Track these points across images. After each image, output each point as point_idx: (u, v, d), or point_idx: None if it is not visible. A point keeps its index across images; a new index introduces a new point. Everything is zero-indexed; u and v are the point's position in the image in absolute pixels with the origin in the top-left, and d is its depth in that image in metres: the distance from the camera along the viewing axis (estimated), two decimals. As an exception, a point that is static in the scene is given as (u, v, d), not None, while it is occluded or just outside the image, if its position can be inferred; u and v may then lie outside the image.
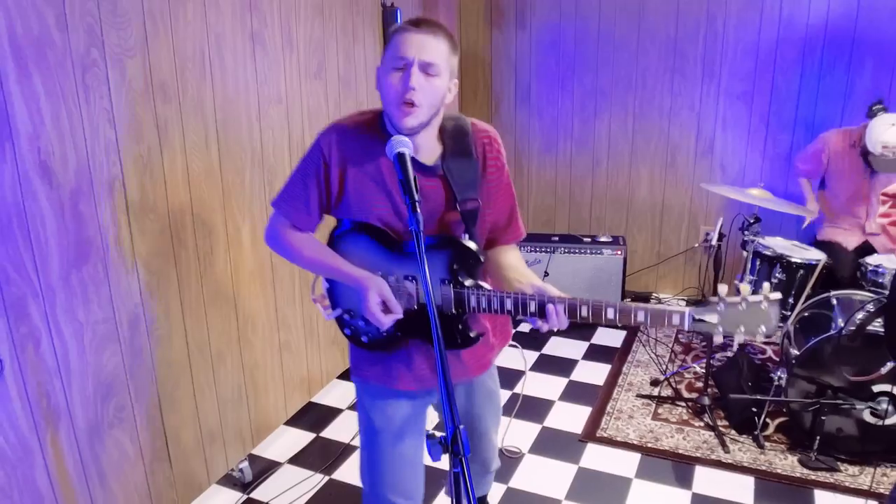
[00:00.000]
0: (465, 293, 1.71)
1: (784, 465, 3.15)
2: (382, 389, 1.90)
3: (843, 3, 4.40)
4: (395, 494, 1.92)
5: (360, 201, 1.75)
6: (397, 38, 1.63)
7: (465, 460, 1.26)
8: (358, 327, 1.87)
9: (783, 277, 3.54)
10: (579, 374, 4.06)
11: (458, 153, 1.75)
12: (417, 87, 1.58)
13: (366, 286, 1.67)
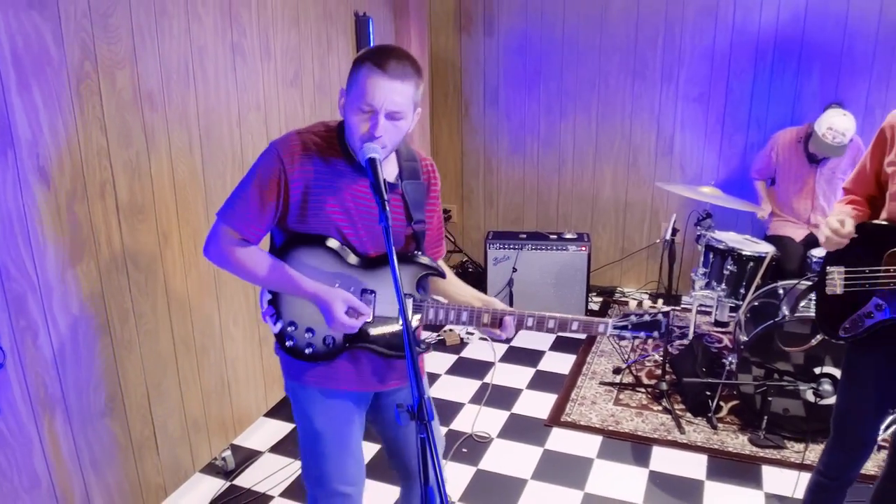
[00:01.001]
0: (425, 307, 1.86)
1: (735, 443, 3.38)
2: (323, 391, 1.92)
3: (791, 12, 4.67)
4: (341, 484, 1.99)
5: (318, 215, 1.76)
6: (364, 77, 1.64)
7: (430, 426, 1.45)
8: (300, 339, 1.86)
9: (734, 269, 3.79)
10: (546, 364, 4.27)
11: (411, 175, 1.86)
12: (384, 133, 1.65)
13: (330, 299, 1.72)
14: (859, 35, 4.57)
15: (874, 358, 2.12)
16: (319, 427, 1.93)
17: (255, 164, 1.77)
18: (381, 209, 1.56)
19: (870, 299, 2.06)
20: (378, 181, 1.59)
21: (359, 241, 1.82)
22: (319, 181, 1.75)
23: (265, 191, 1.73)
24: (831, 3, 4.59)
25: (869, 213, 2.16)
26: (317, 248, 1.79)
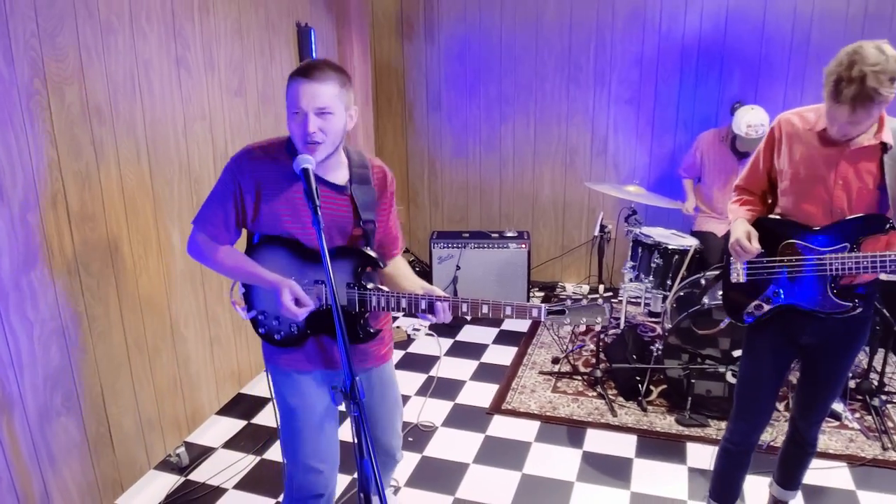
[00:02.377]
0: (368, 294, 2.06)
1: (663, 424, 3.64)
2: (294, 372, 2.15)
3: (713, 19, 4.98)
4: (313, 460, 2.20)
5: (271, 218, 2.01)
6: (292, 87, 1.89)
7: (362, 404, 1.63)
8: (271, 326, 2.12)
9: (661, 262, 4.05)
10: (489, 356, 4.49)
11: (360, 180, 2.09)
12: (316, 130, 1.88)
13: (279, 287, 1.96)
14: (775, 41, 4.90)
15: (770, 337, 2.37)
16: (292, 404, 2.16)
17: (220, 177, 2.04)
18: (313, 213, 1.75)
19: (768, 287, 2.31)
20: (311, 188, 1.78)
21: (307, 237, 2.04)
22: (270, 189, 2.00)
23: (226, 201, 2.01)
24: (749, 12, 4.91)
25: (762, 209, 2.41)
26: (275, 245, 2.04)
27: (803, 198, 2.21)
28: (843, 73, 1.90)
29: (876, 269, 2.08)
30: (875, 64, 1.87)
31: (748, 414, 2.48)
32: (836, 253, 2.14)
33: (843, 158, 2.12)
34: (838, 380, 2.40)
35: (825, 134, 2.14)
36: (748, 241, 2.23)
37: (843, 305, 2.18)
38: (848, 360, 2.37)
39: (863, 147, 2.09)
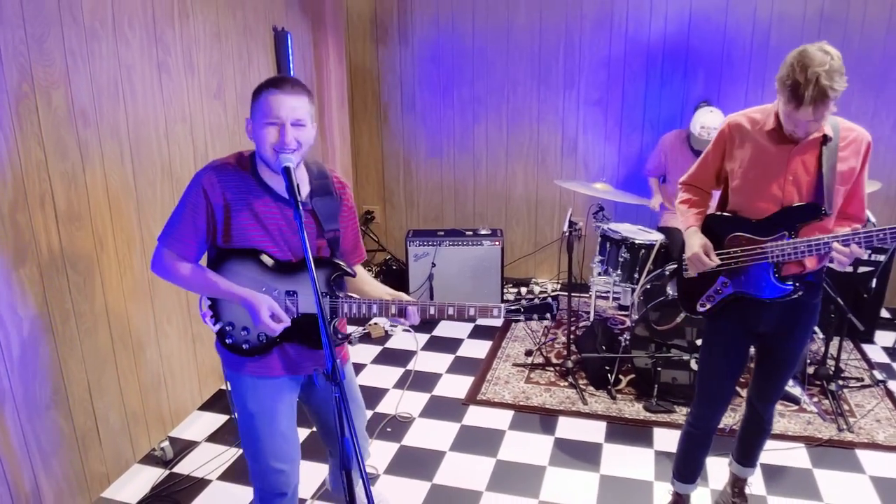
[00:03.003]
0: (340, 302, 2.16)
1: (631, 411, 3.80)
2: (257, 379, 2.19)
3: (677, 23, 5.17)
4: (275, 461, 2.27)
5: (241, 232, 2.05)
6: (268, 98, 1.95)
7: (343, 385, 1.75)
8: (239, 337, 2.15)
9: (628, 256, 4.22)
10: (464, 350, 4.63)
11: (321, 192, 2.15)
12: (292, 139, 1.95)
13: (257, 303, 2.01)
14: (736, 42, 5.10)
15: (727, 327, 2.53)
16: (252, 409, 2.22)
17: (184, 193, 2.05)
18: (295, 209, 1.85)
19: (717, 278, 2.47)
20: (293, 185, 1.89)
21: (278, 250, 2.11)
22: (237, 203, 2.04)
23: (195, 216, 2.03)
24: (711, 15, 5.10)
25: (707, 205, 2.58)
26: (244, 259, 2.08)
27: (756, 195, 2.36)
28: (798, 77, 2.06)
29: (812, 253, 2.25)
30: (823, 64, 2.04)
31: (709, 400, 2.63)
32: (776, 241, 2.31)
33: (792, 155, 2.28)
34: (791, 363, 2.56)
35: (773, 133, 2.30)
36: (705, 255, 2.39)
37: (785, 290, 2.34)
38: (799, 345, 2.53)
39: (808, 142, 2.26)
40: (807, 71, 2.04)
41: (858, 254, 2.17)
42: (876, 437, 3.53)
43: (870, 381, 4.12)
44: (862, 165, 2.31)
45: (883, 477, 3.22)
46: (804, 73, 2.04)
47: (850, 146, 2.28)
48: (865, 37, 4.92)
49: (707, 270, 2.43)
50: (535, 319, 2.22)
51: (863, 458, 3.37)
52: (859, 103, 5.02)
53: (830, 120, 2.27)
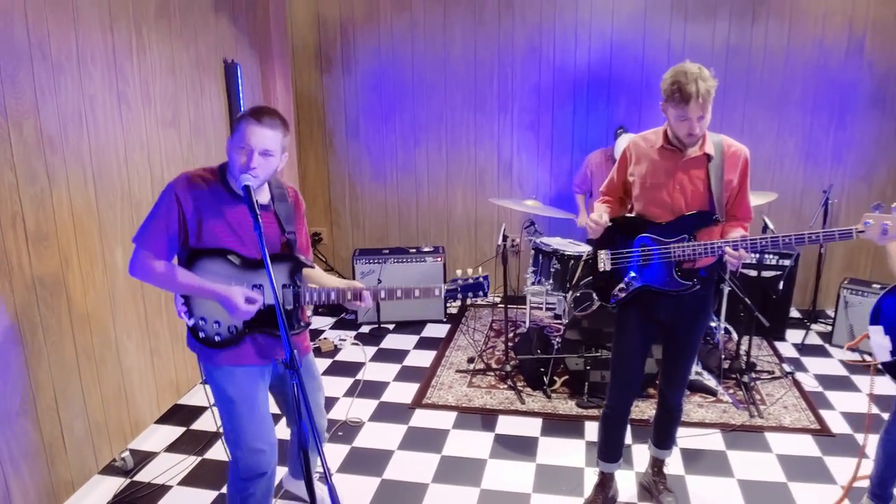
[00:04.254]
0: (301, 291, 2.48)
1: (565, 408, 4.13)
2: (232, 367, 2.46)
3: (599, 53, 5.62)
4: (257, 442, 2.53)
5: (212, 235, 2.33)
6: (245, 126, 2.25)
7: (299, 373, 2.03)
8: (211, 331, 2.43)
9: (559, 267, 4.57)
10: (410, 360, 4.90)
11: (280, 199, 2.50)
12: (257, 166, 2.25)
13: (231, 294, 2.30)
14: (653, 70, 5.57)
15: (634, 315, 2.89)
16: (232, 395, 2.48)
17: (158, 200, 2.33)
18: (254, 220, 2.15)
19: (627, 273, 2.83)
20: (251, 201, 2.19)
21: (245, 249, 2.41)
22: (208, 208, 2.33)
23: (168, 219, 2.30)
24: (629, 46, 5.58)
25: (619, 209, 2.95)
26: (215, 258, 2.37)
27: (651, 202, 2.75)
28: (681, 79, 2.47)
29: (708, 254, 2.63)
30: (696, 71, 2.49)
31: (621, 381, 2.98)
32: (678, 243, 2.68)
33: (679, 168, 2.68)
34: (691, 350, 2.94)
35: (664, 151, 2.69)
36: (600, 217, 2.75)
37: (685, 284, 2.71)
38: (697, 332, 2.91)
39: (692, 158, 2.66)
40: (687, 75, 2.47)
41: (745, 257, 2.56)
42: (783, 421, 3.95)
43: (779, 374, 4.56)
44: (743, 176, 2.71)
45: (787, 455, 3.62)
46: (685, 77, 2.47)
47: (732, 160, 2.68)
48: (767, 64, 5.46)
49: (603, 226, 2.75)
50: (471, 297, 2.57)
51: (771, 439, 3.77)
52: (764, 124, 5.55)
53: (714, 138, 2.67)
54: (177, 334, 3.98)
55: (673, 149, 2.69)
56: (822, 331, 5.33)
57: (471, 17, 5.71)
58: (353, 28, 5.88)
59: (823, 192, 5.09)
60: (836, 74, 5.41)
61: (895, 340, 2.66)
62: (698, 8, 5.45)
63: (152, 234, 2.32)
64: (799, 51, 5.41)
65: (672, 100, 2.51)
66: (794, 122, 5.55)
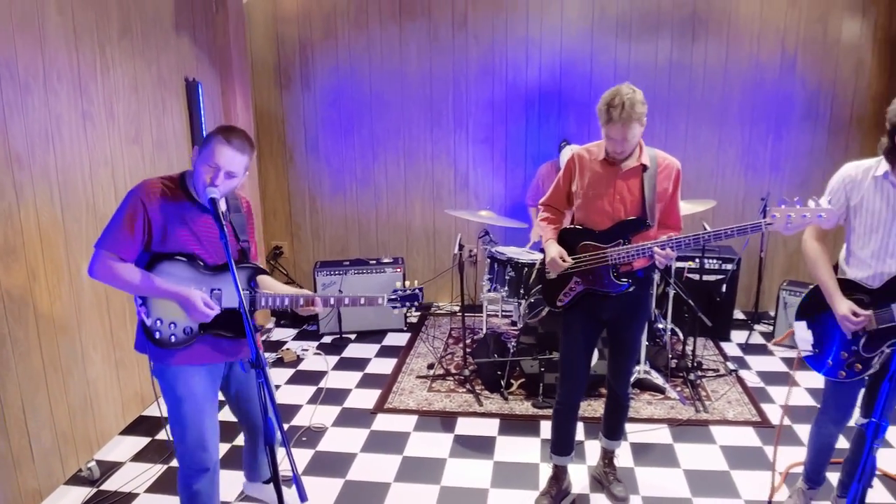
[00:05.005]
0: (258, 296, 2.63)
1: (521, 409, 4.31)
2: (184, 367, 2.55)
3: (549, 71, 5.88)
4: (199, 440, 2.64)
5: (174, 238, 2.45)
6: (215, 146, 2.39)
7: (265, 371, 2.17)
8: (166, 332, 2.52)
9: (514, 275, 4.76)
10: (372, 368, 5.04)
11: (235, 209, 2.68)
12: (220, 184, 2.40)
13: (191, 296, 2.43)
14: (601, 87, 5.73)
15: (578, 316, 3.09)
16: (180, 393, 2.60)
17: (121, 204, 2.42)
18: (220, 230, 2.30)
19: (571, 278, 3.03)
20: (218, 212, 2.34)
21: (207, 255, 2.55)
22: (171, 214, 2.44)
23: (133, 222, 2.39)
24: (578, 64, 5.84)
25: (562, 221, 3.15)
26: (176, 262, 2.49)
27: (592, 211, 2.96)
28: (610, 101, 2.71)
29: (640, 256, 2.84)
30: (627, 94, 2.71)
31: (570, 377, 3.17)
32: (614, 247, 2.89)
33: (618, 178, 2.89)
34: (633, 345, 3.16)
35: (604, 163, 2.91)
36: (561, 260, 2.96)
37: (622, 285, 2.93)
38: (638, 328, 3.14)
39: (630, 169, 2.88)
40: (615, 98, 2.70)
41: (672, 255, 2.79)
42: (727, 415, 4.19)
43: (724, 371, 4.81)
44: (674, 187, 2.94)
45: (730, 446, 3.85)
46: (614, 99, 2.69)
47: (665, 172, 2.91)
48: (707, 80, 5.77)
49: (563, 272, 2.98)
50: (408, 306, 2.82)
51: (715, 432, 4.00)
52: (706, 136, 5.85)
53: (650, 152, 2.90)
54: (141, 346, 4.06)
55: (613, 162, 2.91)
56: (764, 331, 5.63)
57: (426, 36, 5.92)
58: (312, 46, 6.04)
59: (762, 199, 5.38)
60: (772, 90, 5.74)
61: (816, 335, 2.84)
62: (642, 28, 5.74)
63: (116, 237, 2.39)
64: (736, 68, 5.73)
65: (601, 118, 2.75)
66: (733, 134, 5.86)
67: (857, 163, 2.75)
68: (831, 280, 2.77)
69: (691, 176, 5.74)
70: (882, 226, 2.65)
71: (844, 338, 2.75)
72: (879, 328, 2.66)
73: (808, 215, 2.61)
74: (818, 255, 2.82)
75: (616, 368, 3.23)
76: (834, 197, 2.77)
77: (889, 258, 2.65)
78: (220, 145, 2.40)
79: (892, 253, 2.65)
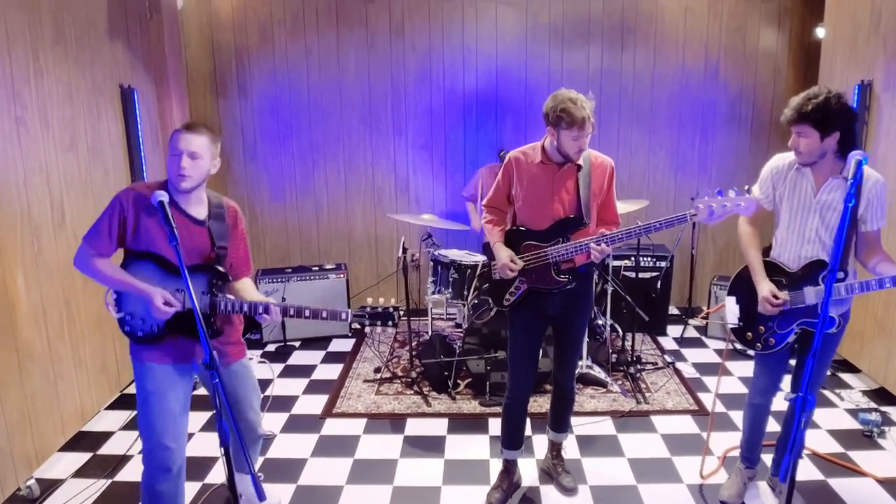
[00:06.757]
0: (218, 300, 2.69)
1: (469, 408, 4.38)
2: (153, 364, 2.69)
3: (486, 78, 6.00)
4: (164, 438, 2.69)
5: (147, 239, 2.60)
6: (176, 136, 2.58)
7: (219, 371, 2.17)
8: (135, 325, 2.69)
9: (457, 277, 4.83)
10: (318, 374, 5.03)
11: (217, 217, 2.76)
12: (187, 167, 2.56)
13: (152, 293, 2.56)
14: (536, 93, 6.00)
15: (524, 314, 3.18)
16: (147, 389, 2.69)
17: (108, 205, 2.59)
18: (170, 233, 2.36)
19: (517, 278, 3.12)
20: (167, 215, 2.40)
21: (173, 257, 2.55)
22: (146, 219, 2.59)
23: (111, 222, 2.58)
24: (513, 72, 5.98)
25: (506, 221, 3.24)
26: (147, 261, 2.63)
27: (533, 211, 3.07)
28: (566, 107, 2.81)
29: (579, 252, 2.97)
30: (578, 96, 2.85)
31: (518, 373, 3.25)
32: (553, 246, 3.00)
33: (556, 179, 3.01)
34: (578, 338, 3.27)
35: (541, 165, 3.02)
36: (513, 262, 3.06)
37: (562, 282, 3.04)
38: (581, 322, 3.25)
39: (566, 169, 3.00)
40: (574, 101, 2.83)
41: (607, 250, 2.92)
42: (666, 405, 4.35)
43: (662, 364, 4.99)
44: (609, 184, 3.07)
45: (670, 434, 4.02)
46: (573, 104, 2.81)
47: (599, 170, 3.04)
48: (637, 86, 6.00)
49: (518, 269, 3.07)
50: (379, 325, 2.79)
51: (656, 422, 4.17)
52: (637, 139, 6.07)
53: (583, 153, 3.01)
54: (80, 359, 3.96)
55: (549, 163, 3.01)
56: (697, 325, 5.86)
57: (363, 43, 5.95)
58: (248, 53, 6.00)
59: (691, 199, 5.61)
60: (698, 95, 6.01)
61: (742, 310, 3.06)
62: (573, 36, 5.93)
63: (94, 234, 2.59)
64: (663, 74, 5.98)
65: (561, 125, 2.84)
66: (663, 137, 6.10)
67: (784, 154, 2.97)
68: (758, 262, 3.02)
69: (624, 177, 5.96)
70: (800, 213, 2.89)
71: (763, 314, 2.98)
72: (792, 308, 2.91)
73: (728, 205, 2.78)
74: (749, 238, 3.09)
75: (562, 362, 3.33)
76: (763, 186, 3.03)
77: (806, 243, 2.90)
78: (179, 133, 2.59)
79: (808, 238, 2.89)
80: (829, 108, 2.67)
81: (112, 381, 4.33)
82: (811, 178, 2.85)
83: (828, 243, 2.84)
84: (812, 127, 2.70)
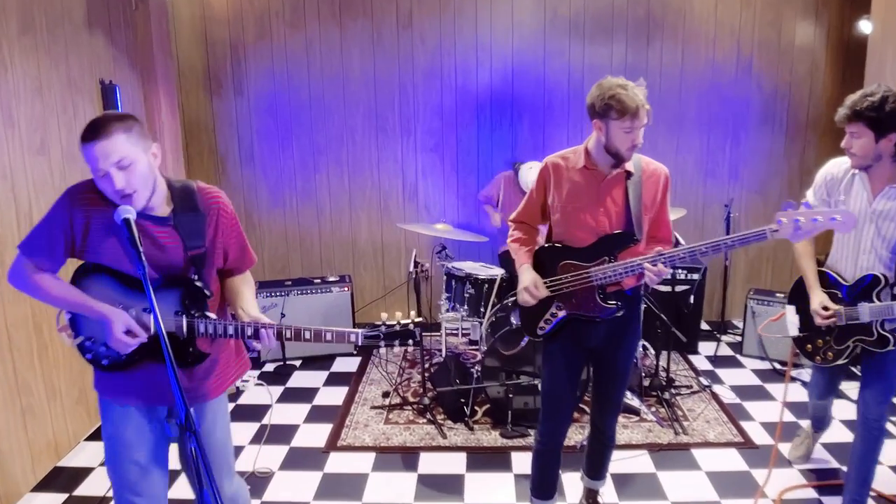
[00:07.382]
0: (195, 322, 2.11)
1: (489, 439, 3.94)
2: (113, 405, 2.18)
3: (501, 74, 5.56)
4: (127, 491, 2.19)
5: (100, 249, 2.05)
6: (86, 152, 1.93)
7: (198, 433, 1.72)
8: (98, 352, 2.12)
9: (473, 292, 4.40)
10: (321, 398, 4.58)
11: (186, 209, 2.11)
12: (124, 182, 1.92)
13: (110, 318, 1.99)
14: (555, 92, 5.57)
15: (562, 345, 2.72)
16: (109, 432, 2.19)
17: (52, 207, 2.04)
18: (137, 259, 1.85)
19: (552, 303, 2.67)
20: (133, 237, 1.89)
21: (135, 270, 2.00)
22: (100, 224, 2.03)
23: (54, 230, 2.03)
24: (530, 68, 5.55)
25: (536, 240, 2.80)
26: (104, 275, 2.08)
27: (574, 225, 2.61)
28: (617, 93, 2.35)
29: (629, 274, 2.51)
30: (626, 83, 2.40)
31: (553, 415, 2.79)
32: (598, 266, 2.55)
33: (602, 189, 2.56)
34: (624, 373, 2.80)
35: (585, 170, 2.57)
36: (536, 288, 2.61)
37: (611, 309, 2.58)
38: (627, 355, 2.78)
39: (613, 176, 2.55)
40: (626, 87, 2.37)
41: (665, 272, 2.45)
42: (707, 437, 3.91)
43: (697, 388, 4.55)
44: (663, 195, 2.62)
45: (716, 471, 3.57)
46: (624, 90, 2.36)
47: (651, 179, 2.59)
48: (664, 84, 5.56)
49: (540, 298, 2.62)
50: (397, 345, 2.25)
51: (698, 456, 3.72)
52: (664, 142, 5.63)
53: (633, 157, 2.57)
54: (53, 389, 3.51)
55: (595, 169, 2.57)
56: (731, 341, 5.42)
57: (368, 37, 5.52)
58: (244, 49, 5.56)
59: (725, 206, 5.19)
60: (728, 93, 5.57)
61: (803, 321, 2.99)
62: (595, 30, 5.50)
63: (37, 242, 2.07)
64: (692, 71, 5.55)
65: (611, 114, 2.39)
66: (691, 139, 5.66)
67: (839, 160, 2.84)
68: (811, 272, 2.95)
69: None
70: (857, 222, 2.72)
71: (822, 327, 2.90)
72: (849, 324, 2.80)
73: (820, 219, 2.37)
74: (804, 248, 2.99)
75: (602, 402, 2.87)
76: (817, 192, 2.91)
77: (862, 253, 2.79)
78: (87, 149, 1.93)
79: (864, 248, 2.78)
80: (885, 108, 2.51)
81: (92, 410, 3.88)
82: (867, 184, 2.72)
83: (884, 255, 2.73)
84: (866, 126, 2.57)
